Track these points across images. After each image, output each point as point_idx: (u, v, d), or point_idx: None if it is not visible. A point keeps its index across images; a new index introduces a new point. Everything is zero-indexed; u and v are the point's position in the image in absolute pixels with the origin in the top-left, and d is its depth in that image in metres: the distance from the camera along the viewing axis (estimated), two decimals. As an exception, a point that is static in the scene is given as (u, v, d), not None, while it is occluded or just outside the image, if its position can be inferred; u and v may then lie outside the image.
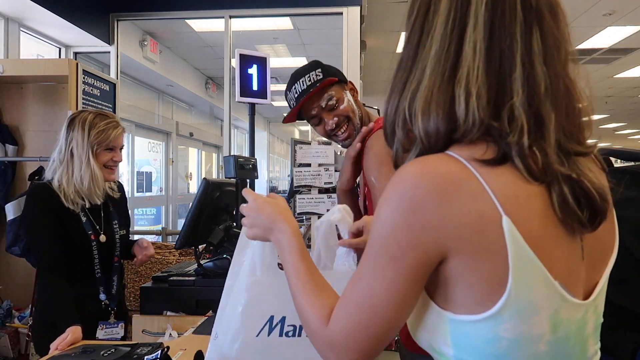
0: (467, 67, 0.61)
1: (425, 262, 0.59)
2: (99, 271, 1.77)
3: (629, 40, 6.53)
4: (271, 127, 13.15)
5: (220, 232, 1.79)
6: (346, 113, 1.43)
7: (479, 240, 0.57)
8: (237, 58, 2.45)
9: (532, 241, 0.58)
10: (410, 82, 0.65)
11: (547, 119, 0.60)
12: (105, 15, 4.29)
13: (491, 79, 0.60)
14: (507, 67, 0.60)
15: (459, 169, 0.59)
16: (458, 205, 0.57)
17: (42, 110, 3.07)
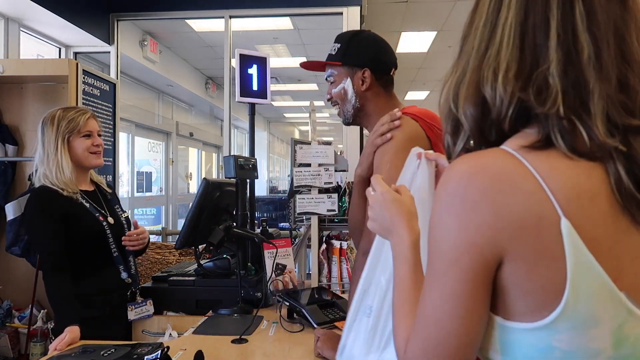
0: (496, 45, 0.60)
1: (483, 265, 0.56)
2: (116, 250, 1.83)
3: (629, 40, 6.52)
4: (271, 127, 13.15)
5: (220, 232, 1.79)
6: (335, 97, 1.44)
7: (536, 244, 0.54)
8: (237, 58, 2.45)
9: (595, 246, 0.53)
10: (454, 71, 0.65)
11: (591, 88, 0.56)
12: (105, 15, 4.28)
13: (524, 54, 0.58)
14: (542, 38, 0.58)
15: (513, 165, 0.55)
16: (514, 205, 0.53)
17: (42, 110, 3.06)
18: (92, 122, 1.87)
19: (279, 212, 6.05)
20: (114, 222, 1.86)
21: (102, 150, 1.89)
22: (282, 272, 1.89)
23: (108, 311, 1.78)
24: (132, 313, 1.83)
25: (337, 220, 2.20)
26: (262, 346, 1.47)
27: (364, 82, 1.39)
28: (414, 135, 1.24)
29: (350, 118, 1.43)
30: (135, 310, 1.84)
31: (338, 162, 2.15)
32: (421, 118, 1.29)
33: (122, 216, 1.93)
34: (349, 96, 1.41)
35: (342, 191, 2.27)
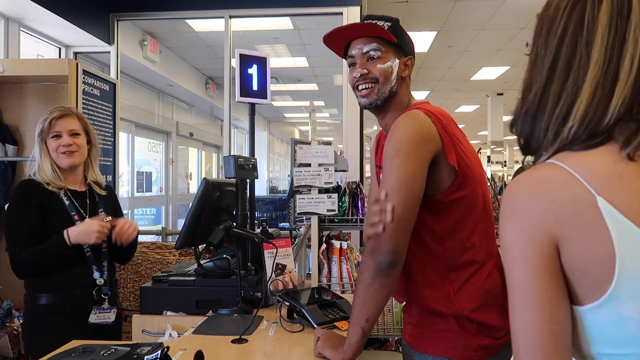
0: (623, 80, 0.65)
1: (546, 257, 0.63)
2: (89, 251, 1.85)
3: (629, 40, 6.53)
4: (271, 127, 13.15)
5: (220, 232, 1.79)
6: (377, 73, 1.33)
7: (579, 223, 0.61)
8: (237, 58, 2.45)
9: (633, 215, 0.60)
10: (565, 95, 0.68)
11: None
12: (105, 15, 4.28)
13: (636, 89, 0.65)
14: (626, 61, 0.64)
15: (549, 168, 0.65)
16: (554, 196, 0.62)
17: (42, 110, 3.05)
18: (61, 121, 1.88)
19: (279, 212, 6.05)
20: None
21: (76, 149, 1.88)
22: (282, 272, 1.89)
23: (69, 307, 1.81)
24: (94, 316, 1.83)
25: (337, 220, 2.20)
26: (262, 346, 1.47)
27: (406, 69, 1.37)
28: (426, 135, 1.18)
29: (382, 100, 1.34)
30: (98, 315, 1.84)
31: (338, 162, 2.15)
32: (434, 114, 1.22)
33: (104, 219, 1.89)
34: (392, 77, 1.33)
35: (342, 191, 2.27)
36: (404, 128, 1.20)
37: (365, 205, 2.30)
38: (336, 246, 2.24)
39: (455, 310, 1.20)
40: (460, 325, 1.20)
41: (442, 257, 1.22)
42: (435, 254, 1.23)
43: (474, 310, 1.20)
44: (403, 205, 1.14)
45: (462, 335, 1.20)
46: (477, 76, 8.79)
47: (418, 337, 1.27)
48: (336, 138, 14.70)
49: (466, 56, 7.38)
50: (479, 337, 1.20)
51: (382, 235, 1.14)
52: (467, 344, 1.19)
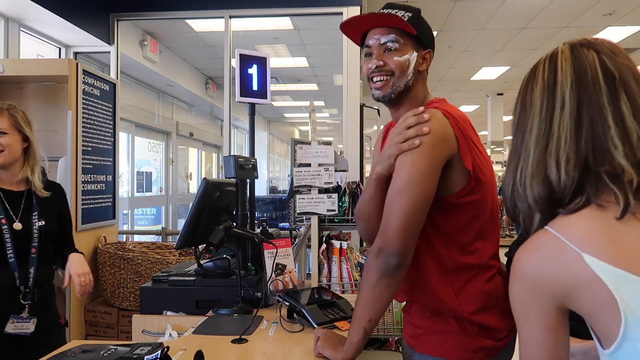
0: (554, 141, 0.77)
1: (547, 313, 0.72)
2: (12, 257, 1.75)
3: (629, 40, 6.53)
4: (271, 127, 13.15)
5: (220, 232, 1.79)
6: (393, 66, 1.28)
7: (573, 280, 0.69)
8: (237, 58, 2.45)
9: (619, 262, 0.66)
10: (521, 163, 0.81)
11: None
12: (105, 15, 4.28)
13: (580, 146, 0.75)
14: (601, 129, 0.74)
15: (542, 235, 0.74)
16: (544, 261, 0.71)
17: (42, 110, 3.07)
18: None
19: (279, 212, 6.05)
20: (22, 229, 1.79)
21: (1, 149, 1.81)
22: (282, 272, 1.89)
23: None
24: (11, 325, 1.72)
25: (337, 220, 2.19)
26: (262, 346, 1.47)
27: (424, 62, 1.32)
28: (441, 135, 1.16)
29: (396, 94, 1.29)
30: (15, 325, 1.74)
31: (338, 162, 2.15)
32: (452, 115, 1.19)
33: (35, 224, 1.84)
34: (408, 70, 1.28)
35: (342, 191, 2.27)
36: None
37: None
38: (336, 246, 2.23)
39: (456, 312, 1.20)
40: (461, 327, 1.20)
41: (445, 258, 1.22)
42: (439, 254, 1.23)
43: (474, 313, 1.20)
44: (413, 204, 1.13)
45: (462, 336, 1.20)
46: (477, 76, 8.79)
47: (418, 337, 1.26)
48: (336, 138, 14.70)
49: (466, 56, 7.38)
50: (479, 338, 1.20)
51: (390, 235, 1.13)
52: (467, 345, 1.19)
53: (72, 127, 2.79)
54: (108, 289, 2.88)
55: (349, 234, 2.63)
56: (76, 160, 2.83)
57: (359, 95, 4.18)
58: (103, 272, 2.90)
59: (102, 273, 2.92)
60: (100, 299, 3.01)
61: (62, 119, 2.96)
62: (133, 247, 3.18)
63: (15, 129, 1.83)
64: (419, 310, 1.28)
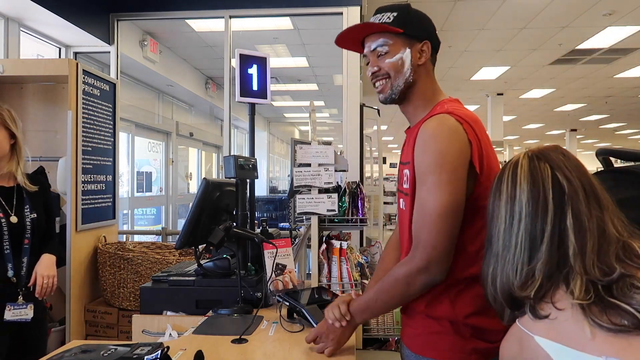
0: (512, 251, 0.94)
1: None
2: (8, 249, 1.88)
3: (629, 40, 6.53)
4: (271, 127, 13.14)
5: (220, 232, 1.79)
6: (386, 69, 1.30)
7: (531, 354, 0.88)
8: (237, 58, 2.45)
9: (563, 339, 0.84)
10: (490, 261, 1.00)
11: (576, 270, 0.88)
12: (105, 15, 4.29)
13: (530, 256, 0.92)
14: (539, 244, 0.91)
15: (513, 329, 0.96)
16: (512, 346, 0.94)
17: (42, 110, 3.07)
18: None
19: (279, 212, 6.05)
20: (17, 222, 1.92)
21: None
22: (282, 272, 1.89)
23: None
24: (9, 313, 1.84)
25: (337, 220, 2.19)
26: (262, 346, 1.47)
27: (422, 56, 1.31)
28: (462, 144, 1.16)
29: (398, 94, 1.30)
30: (13, 312, 1.85)
31: (338, 162, 2.15)
32: (466, 121, 1.19)
33: (27, 217, 1.97)
34: (404, 69, 1.29)
35: (342, 191, 2.27)
36: (441, 137, 1.16)
37: (365, 205, 2.30)
38: (336, 246, 2.23)
39: (450, 316, 1.21)
40: (455, 329, 1.21)
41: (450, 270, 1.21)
42: None
43: (469, 316, 1.20)
44: (452, 231, 1.16)
45: (456, 338, 1.20)
46: (477, 76, 8.79)
47: (414, 339, 1.27)
48: (336, 138, 14.70)
49: (466, 56, 7.38)
50: (473, 340, 1.20)
51: (439, 253, 1.16)
52: (462, 347, 1.19)
53: (72, 127, 2.79)
54: (108, 289, 2.88)
55: (349, 234, 2.63)
56: (76, 160, 2.83)
57: (359, 95, 4.18)
58: (103, 272, 2.90)
59: (102, 273, 2.92)
60: (100, 299, 3.01)
61: (62, 119, 2.96)
62: (133, 247, 3.17)
63: (2, 126, 1.95)
64: (415, 313, 1.28)
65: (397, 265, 1.25)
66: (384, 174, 7.55)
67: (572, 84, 9.26)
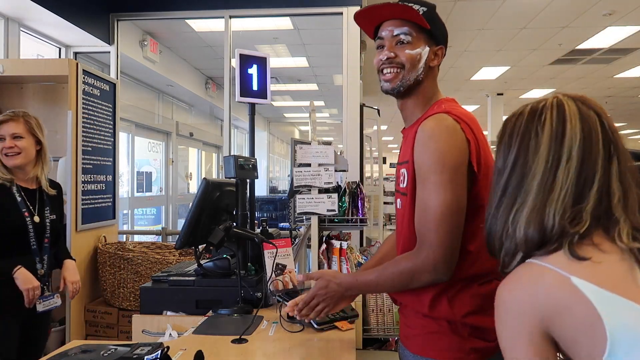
0: (557, 192, 0.83)
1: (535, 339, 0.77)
2: (35, 244, 2.02)
3: (629, 40, 6.53)
4: (271, 127, 13.15)
5: (220, 232, 1.79)
6: (403, 59, 1.27)
7: (563, 300, 0.74)
8: (237, 58, 2.45)
9: (605, 285, 0.73)
10: (517, 205, 0.86)
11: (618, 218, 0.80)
12: (105, 15, 4.29)
13: (575, 199, 0.82)
14: (588, 187, 0.82)
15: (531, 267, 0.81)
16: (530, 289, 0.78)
17: (42, 110, 3.07)
18: (5, 126, 2.04)
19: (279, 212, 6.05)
20: (39, 222, 2.06)
21: (18, 151, 2.04)
22: (282, 272, 1.89)
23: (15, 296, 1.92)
24: (40, 305, 1.99)
25: (337, 220, 2.19)
26: (262, 346, 1.47)
27: (435, 58, 1.32)
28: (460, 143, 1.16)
29: (405, 87, 1.29)
30: (44, 303, 2.01)
31: (338, 162, 2.15)
32: (464, 121, 1.19)
33: (47, 218, 2.10)
34: (419, 65, 1.28)
35: (342, 191, 2.27)
36: (440, 137, 1.16)
37: (365, 205, 2.29)
38: (336, 246, 2.23)
39: (449, 315, 1.20)
40: (453, 328, 1.20)
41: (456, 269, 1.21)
42: None
43: (467, 315, 1.19)
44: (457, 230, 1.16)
45: (454, 337, 1.20)
46: (477, 76, 8.79)
47: (412, 338, 1.26)
48: (336, 138, 14.70)
49: (466, 56, 7.38)
50: (471, 339, 1.19)
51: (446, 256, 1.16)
52: (460, 347, 1.19)
53: (72, 127, 2.79)
54: (108, 289, 2.88)
55: (349, 234, 2.63)
56: (76, 160, 2.83)
57: (359, 95, 4.18)
58: (103, 272, 2.90)
59: (102, 273, 2.92)
60: (100, 299, 3.01)
61: (62, 119, 2.96)
62: (133, 247, 3.17)
63: (30, 134, 2.08)
64: (413, 312, 1.28)
65: (402, 256, 1.24)
66: (384, 174, 7.54)
67: (572, 84, 9.25)
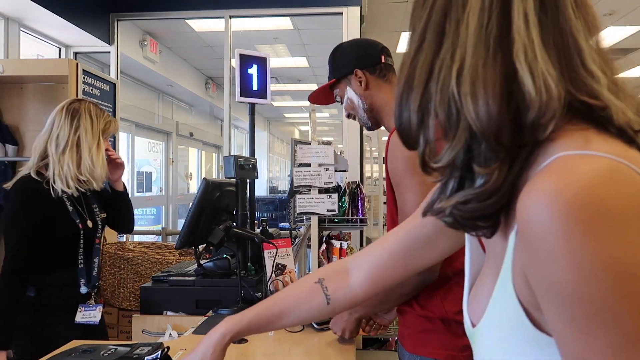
0: (522, 41, 0.49)
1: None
2: (82, 261, 1.82)
3: (629, 40, 6.53)
4: (271, 127, 13.15)
5: (220, 232, 1.79)
6: (349, 110, 1.47)
7: None
8: (237, 58, 2.45)
9: None
10: (442, 63, 0.53)
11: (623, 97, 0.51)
12: (105, 15, 4.28)
13: (552, 53, 0.50)
14: (572, 41, 0.50)
15: (616, 163, 0.44)
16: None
17: (42, 110, 3.07)
18: (112, 127, 1.95)
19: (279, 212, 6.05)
20: (92, 225, 1.86)
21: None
22: (282, 272, 1.89)
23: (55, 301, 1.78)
24: (80, 314, 1.82)
25: (337, 220, 2.20)
26: (262, 346, 1.47)
27: (362, 82, 1.41)
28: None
29: (369, 121, 1.45)
30: (84, 313, 1.84)
31: (338, 162, 2.15)
32: None
33: (98, 217, 1.91)
34: (356, 102, 1.43)
35: (342, 191, 2.27)
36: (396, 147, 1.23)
37: (365, 205, 2.30)
38: (336, 246, 2.24)
39: (442, 313, 1.21)
40: (446, 327, 1.21)
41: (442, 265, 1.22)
42: None
43: (459, 312, 1.20)
44: None
45: (448, 335, 1.21)
46: (477, 76, 8.79)
47: (407, 337, 1.28)
48: (336, 138, 14.70)
49: (466, 56, 7.38)
50: (465, 337, 1.20)
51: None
52: (453, 344, 1.20)
53: (72, 127, 2.79)
54: (108, 289, 2.88)
55: (349, 234, 2.63)
56: (76, 160, 2.82)
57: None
58: (103, 272, 2.90)
59: (102, 273, 2.92)
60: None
61: (62, 119, 2.95)
62: (133, 247, 3.17)
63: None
64: (407, 311, 1.29)
65: None
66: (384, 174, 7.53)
67: (572, 84, 9.25)
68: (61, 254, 1.79)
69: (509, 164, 0.51)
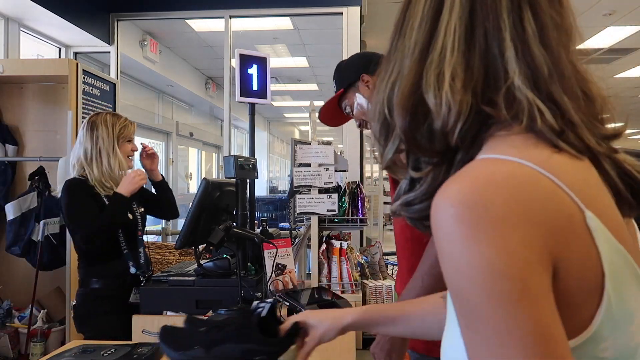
0: (438, 49, 0.53)
1: (546, 282, 0.44)
2: (126, 248, 2.00)
3: (629, 40, 6.53)
4: (271, 127, 13.15)
5: (220, 232, 1.79)
6: (358, 117, 1.48)
7: (573, 243, 0.46)
8: (237, 58, 2.45)
9: (617, 234, 0.48)
10: (388, 76, 0.57)
11: (562, 103, 0.51)
12: (105, 15, 4.28)
13: (473, 60, 0.52)
14: (496, 47, 0.51)
15: (519, 167, 0.47)
16: (545, 208, 0.45)
17: (42, 110, 3.07)
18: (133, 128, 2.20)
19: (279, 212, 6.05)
20: (132, 219, 2.03)
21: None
22: (282, 272, 1.89)
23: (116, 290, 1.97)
24: (133, 296, 2.00)
25: (337, 220, 2.20)
26: (262, 346, 1.46)
27: (369, 86, 1.44)
28: None
29: None
30: (137, 295, 1.99)
31: (338, 162, 2.15)
32: None
33: (137, 212, 2.09)
34: (366, 106, 1.44)
35: (342, 191, 2.27)
36: None
37: (365, 205, 2.29)
38: (336, 246, 2.24)
39: None
40: None
41: None
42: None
43: None
44: None
45: None
46: (477, 76, 8.79)
47: (418, 340, 1.28)
48: (336, 138, 14.70)
49: (466, 56, 7.38)
50: None
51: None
52: None
53: (72, 127, 2.79)
54: (108, 289, 2.88)
55: (349, 234, 2.63)
56: (76, 160, 2.82)
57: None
58: (103, 272, 2.90)
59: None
60: (100, 299, 3.01)
61: (62, 119, 2.96)
62: (133, 247, 3.17)
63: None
64: None
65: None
66: (384, 174, 7.55)
67: (572, 84, 9.26)
68: (104, 247, 1.96)
69: (446, 168, 0.54)
